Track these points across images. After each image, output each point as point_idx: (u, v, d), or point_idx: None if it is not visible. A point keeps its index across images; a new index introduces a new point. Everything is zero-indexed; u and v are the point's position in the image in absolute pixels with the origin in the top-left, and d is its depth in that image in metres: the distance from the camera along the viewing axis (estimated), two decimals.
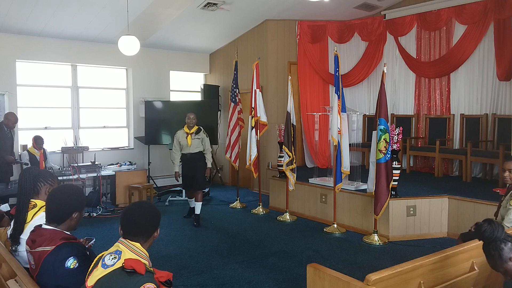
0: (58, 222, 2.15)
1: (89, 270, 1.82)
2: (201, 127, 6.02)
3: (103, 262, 1.79)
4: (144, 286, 1.68)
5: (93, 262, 1.85)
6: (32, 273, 2.11)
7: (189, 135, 5.86)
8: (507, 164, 3.30)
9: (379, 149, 4.96)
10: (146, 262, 1.84)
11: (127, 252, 1.83)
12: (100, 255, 1.86)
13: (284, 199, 6.48)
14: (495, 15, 6.33)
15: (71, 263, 1.97)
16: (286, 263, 4.44)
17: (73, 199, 2.21)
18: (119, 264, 1.76)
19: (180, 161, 6.08)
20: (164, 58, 8.88)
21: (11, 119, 6.12)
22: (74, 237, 2.17)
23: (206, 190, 7.90)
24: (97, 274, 1.77)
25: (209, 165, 6.04)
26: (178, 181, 5.63)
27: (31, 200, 2.46)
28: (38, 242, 2.08)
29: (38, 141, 6.66)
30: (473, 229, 3.56)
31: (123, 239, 1.89)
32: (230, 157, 7.05)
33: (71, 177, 6.36)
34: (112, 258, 1.79)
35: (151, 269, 1.80)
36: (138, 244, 1.88)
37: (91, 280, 1.76)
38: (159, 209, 2.06)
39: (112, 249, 1.86)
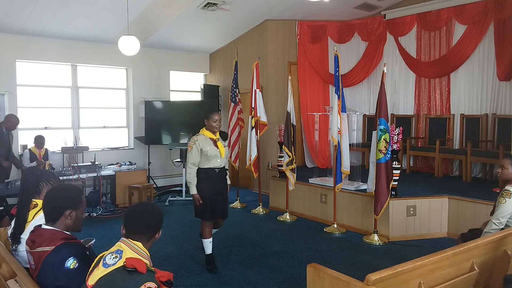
0: (53, 221, 2.15)
1: (90, 269, 1.82)
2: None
3: (104, 262, 1.79)
4: (145, 285, 1.68)
5: (94, 262, 1.85)
6: (32, 273, 2.11)
7: (218, 142, 4.19)
8: (501, 160, 3.42)
9: (379, 149, 4.96)
10: (147, 262, 1.85)
11: (129, 251, 1.83)
12: (101, 254, 1.86)
13: (284, 199, 6.48)
14: (495, 15, 6.33)
15: (71, 263, 1.97)
16: (286, 263, 4.44)
17: (64, 196, 2.18)
18: (120, 263, 1.76)
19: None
20: (164, 58, 8.88)
21: (13, 122, 6.08)
22: (74, 237, 2.17)
23: None
24: (98, 273, 1.77)
25: (229, 181, 4.54)
26: (198, 205, 4.15)
27: (33, 199, 2.47)
28: (38, 242, 2.08)
29: (38, 140, 6.69)
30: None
31: (124, 239, 1.90)
32: (230, 157, 7.04)
33: (71, 177, 6.36)
34: (114, 258, 1.80)
35: (152, 268, 1.81)
36: (140, 244, 1.89)
37: (92, 279, 1.77)
38: (162, 212, 2.06)
39: (113, 248, 1.86)
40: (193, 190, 4.14)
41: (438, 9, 7.05)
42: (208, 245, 4.31)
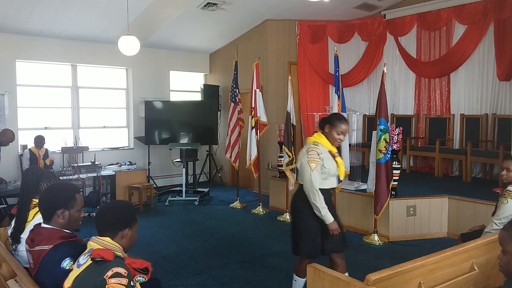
0: (47, 219, 2.15)
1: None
2: None
3: (78, 263, 1.84)
4: (112, 270, 1.71)
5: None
6: (31, 272, 2.10)
7: (337, 156, 3.23)
8: (505, 162, 3.35)
9: (379, 149, 4.96)
10: (119, 254, 1.86)
11: (97, 246, 1.87)
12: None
13: (284, 199, 6.47)
14: (495, 15, 6.33)
15: (67, 263, 1.97)
16: (286, 263, 4.43)
17: (55, 195, 2.16)
18: (90, 260, 1.80)
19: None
20: (164, 58, 8.88)
21: (9, 138, 5.68)
22: (73, 235, 2.16)
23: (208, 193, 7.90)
24: (72, 274, 1.82)
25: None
26: (337, 235, 3.07)
27: (33, 199, 2.47)
28: (36, 241, 2.08)
29: (37, 140, 6.70)
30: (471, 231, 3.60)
31: (93, 237, 1.93)
32: (230, 157, 7.05)
33: (71, 177, 6.36)
34: (86, 257, 1.84)
35: (120, 254, 1.83)
36: (107, 239, 1.90)
37: (67, 282, 1.81)
38: (132, 209, 2.07)
39: (86, 250, 1.90)
40: (330, 217, 3.02)
41: (438, 9, 7.05)
42: (302, 285, 3.23)
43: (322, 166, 3.07)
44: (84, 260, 1.83)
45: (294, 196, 3.23)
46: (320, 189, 3.05)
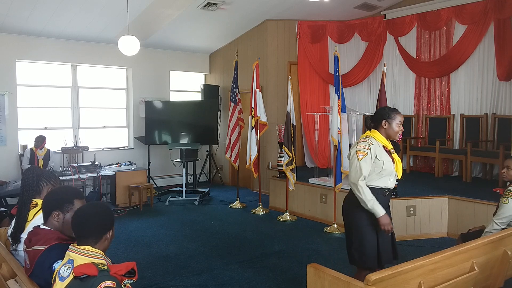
0: (45, 220, 2.15)
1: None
2: None
3: (60, 275, 1.78)
4: (100, 286, 1.66)
5: (52, 279, 1.84)
6: (26, 273, 2.10)
7: (394, 153, 3.00)
8: (506, 161, 3.40)
9: None
10: (102, 261, 1.82)
11: (78, 258, 1.80)
12: (57, 269, 1.85)
13: (284, 199, 6.48)
14: (495, 15, 6.33)
15: (57, 266, 1.95)
16: (286, 263, 4.44)
17: (54, 197, 2.16)
18: (72, 276, 1.75)
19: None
20: (164, 58, 8.88)
21: None
22: (71, 239, 2.15)
23: (207, 190, 7.90)
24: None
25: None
26: (389, 231, 2.85)
27: (33, 199, 2.47)
28: (33, 241, 2.07)
29: (36, 140, 6.72)
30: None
31: (71, 247, 1.87)
32: (230, 157, 7.05)
33: (71, 177, 6.36)
34: (67, 269, 1.78)
35: (105, 267, 1.77)
36: (87, 247, 1.85)
37: None
38: (110, 210, 2.01)
39: (65, 259, 1.85)
40: (380, 210, 2.76)
41: (438, 9, 7.06)
42: None
43: (376, 159, 2.83)
44: (66, 273, 1.76)
45: (347, 200, 2.96)
46: (374, 187, 2.82)
